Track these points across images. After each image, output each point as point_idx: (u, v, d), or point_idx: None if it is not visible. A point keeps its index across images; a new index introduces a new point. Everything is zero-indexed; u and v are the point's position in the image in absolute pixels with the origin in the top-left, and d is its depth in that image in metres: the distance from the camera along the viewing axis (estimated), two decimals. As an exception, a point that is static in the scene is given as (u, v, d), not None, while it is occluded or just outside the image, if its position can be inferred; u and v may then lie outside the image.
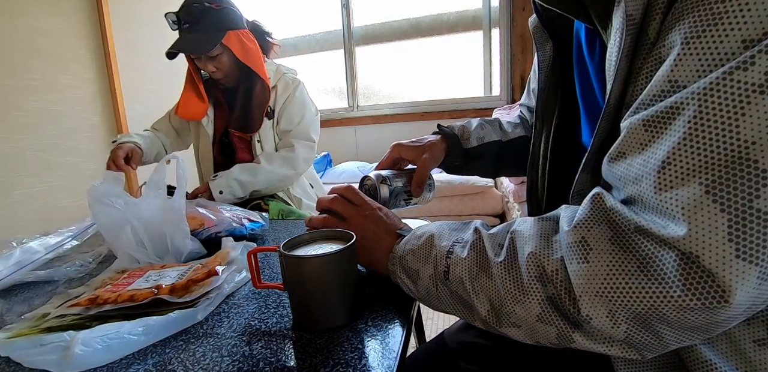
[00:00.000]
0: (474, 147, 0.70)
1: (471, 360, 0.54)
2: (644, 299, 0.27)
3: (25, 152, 1.74)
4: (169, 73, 2.50)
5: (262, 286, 0.50)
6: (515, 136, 0.73)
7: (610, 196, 0.32)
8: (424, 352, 0.61)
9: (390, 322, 0.46)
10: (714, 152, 0.25)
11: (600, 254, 0.30)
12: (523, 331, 0.35)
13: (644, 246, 0.28)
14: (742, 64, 0.24)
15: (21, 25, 1.74)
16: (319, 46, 3.15)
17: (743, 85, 0.24)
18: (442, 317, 1.61)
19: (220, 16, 1.11)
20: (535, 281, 0.33)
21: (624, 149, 0.31)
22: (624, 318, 0.29)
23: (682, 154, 0.26)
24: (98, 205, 0.65)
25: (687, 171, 0.26)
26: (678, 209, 0.26)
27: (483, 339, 0.57)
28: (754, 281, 0.25)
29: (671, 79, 0.27)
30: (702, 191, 0.25)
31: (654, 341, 0.30)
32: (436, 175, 2.67)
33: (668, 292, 0.27)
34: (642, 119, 0.29)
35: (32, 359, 0.41)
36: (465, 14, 2.80)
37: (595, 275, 0.29)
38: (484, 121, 0.73)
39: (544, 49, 0.53)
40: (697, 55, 0.26)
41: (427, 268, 0.41)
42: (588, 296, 0.30)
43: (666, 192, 0.27)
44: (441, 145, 0.67)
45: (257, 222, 0.83)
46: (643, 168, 0.29)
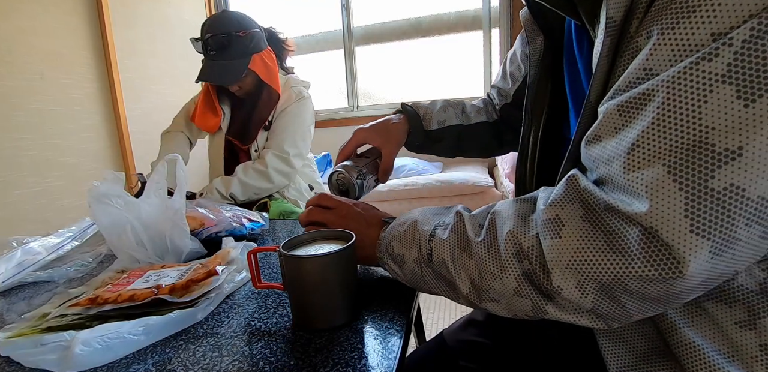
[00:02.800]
0: (435, 129, 0.71)
1: (470, 358, 0.55)
2: (609, 271, 0.30)
3: (25, 152, 1.74)
4: (169, 73, 2.50)
5: (262, 286, 0.50)
6: (476, 121, 0.74)
7: (584, 177, 0.34)
8: (424, 352, 0.61)
9: (390, 322, 0.46)
10: (678, 136, 0.27)
11: (572, 230, 0.32)
12: (501, 305, 0.38)
13: (612, 222, 0.30)
14: (707, 54, 0.26)
15: (21, 25, 1.74)
16: (319, 46, 3.14)
17: (708, 74, 0.26)
18: (442, 317, 1.61)
19: (245, 43, 1.15)
20: (512, 258, 0.35)
21: (599, 133, 0.32)
22: (591, 289, 0.31)
23: (649, 137, 0.28)
24: (98, 205, 0.65)
25: (653, 153, 0.28)
26: (642, 188, 0.28)
27: (482, 338, 0.57)
28: (706, 255, 0.26)
29: (646, 67, 0.29)
30: (664, 172, 0.27)
31: (618, 311, 0.32)
32: (435, 175, 2.65)
33: (631, 263, 0.29)
34: (617, 104, 0.31)
35: (32, 359, 0.41)
36: (465, 14, 2.80)
37: (566, 249, 0.32)
38: (449, 103, 0.74)
39: (534, 42, 0.53)
40: (670, 45, 0.28)
41: (412, 252, 0.43)
42: (559, 269, 0.32)
43: (633, 172, 0.29)
44: (403, 127, 0.69)
45: (257, 222, 0.83)
46: (615, 150, 0.30)
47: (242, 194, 1.18)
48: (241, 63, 1.15)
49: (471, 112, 0.75)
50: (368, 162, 0.62)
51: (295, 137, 1.25)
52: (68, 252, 0.79)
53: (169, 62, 2.52)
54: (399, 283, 0.55)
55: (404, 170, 2.49)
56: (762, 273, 0.32)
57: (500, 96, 0.75)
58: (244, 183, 1.17)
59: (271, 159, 1.20)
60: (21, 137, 1.73)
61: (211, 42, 1.12)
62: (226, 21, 1.15)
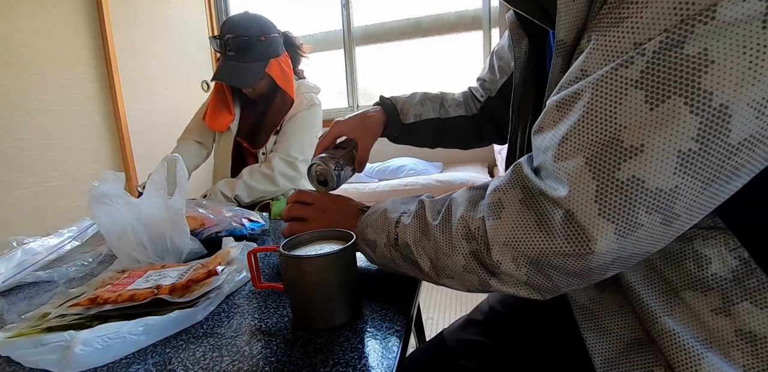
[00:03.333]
0: (411, 123, 0.73)
1: (470, 358, 0.55)
2: (537, 247, 0.34)
3: (25, 152, 1.74)
4: (169, 73, 2.50)
5: (262, 286, 0.50)
6: (455, 114, 0.76)
7: (527, 165, 0.38)
8: (424, 352, 0.61)
9: (390, 322, 0.46)
10: (598, 132, 0.30)
11: (510, 212, 0.36)
12: (456, 281, 0.42)
13: (543, 205, 0.34)
14: (625, 62, 0.29)
15: (21, 25, 1.74)
16: (319, 46, 3.15)
17: (624, 79, 0.29)
18: (442, 317, 1.61)
19: (265, 47, 1.16)
20: (461, 239, 0.40)
21: (542, 124, 0.36)
22: (524, 263, 0.36)
23: (576, 132, 0.32)
24: (98, 205, 0.65)
25: (577, 146, 0.32)
26: (565, 176, 0.32)
27: (482, 337, 0.57)
28: (612, 236, 0.30)
29: (582, 67, 0.32)
30: (583, 163, 0.31)
31: (548, 283, 0.36)
32: (435, 175, 2.65)
33: (553, 241, 0.33)
34: (556, 100, 0.34)
35: (32, 359, 0.41)
36: (465, 14, 2.80)
37: (504, 228, 0.36)
38: (428, 96, 0.76)
39: (519, 45, 0.53)
40: (601, 50, 0.31)
41: (382, 238, 0.48)
42: (498, 245, 0.36)
43: (560, 162, 0.33)
44: (379, 119, 0.71)
45: (257, 222, 0.83)
46: (550, 141, 0.34)
47: (247, 197, 1.19)
48: (259, 66, 1.16)
49: (450, 106, 0.76)
50: (345, 153, 0.64)
51: (303, 143, 1.26)
52: (68, 252, 0.79)
53: (169, 62, 2.51)
54: (399, 283, 0.55)
55: (404, 170, 2.49)
56: (734, 261, 0.33)
57: (485, 89, 0.76)
58: (249, 186, 1.18)
59: (278, 163, 1.21)
60: (21, 137, 1.73)
61: (231, 43, 1.12)
62: (248, 23, 1.15)
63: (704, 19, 0.26)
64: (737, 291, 0.33)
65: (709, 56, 0.26)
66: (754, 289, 0.33)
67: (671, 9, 0.27)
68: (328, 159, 0.61)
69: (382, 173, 2.53)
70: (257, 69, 1.15)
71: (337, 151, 0.64)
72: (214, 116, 1.29)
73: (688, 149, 0.27)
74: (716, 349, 0.33)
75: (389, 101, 0.73)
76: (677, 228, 0.31)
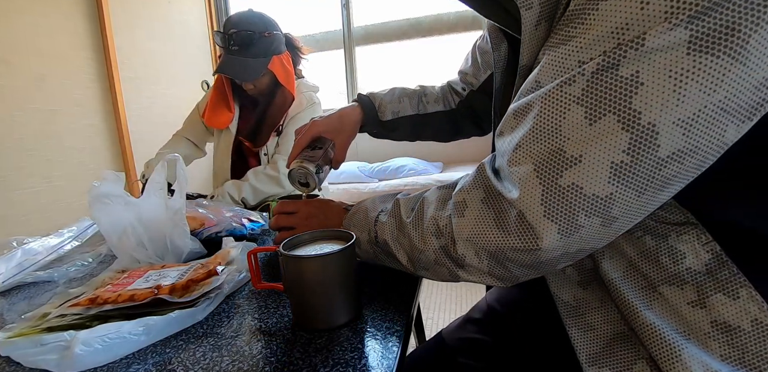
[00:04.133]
0: (389, 120, 0.75)
1: (469, 355, 0.55)
2: (495, 242, 0.37)
3: (25, 152, 1.74)
4: (169, 73, 2.50)
5: (262, 286, 0.50)
6: (432, 110, 0.77)
7: (489, 166, 0.41)
8: (423, 351, 0.61)
9: (390, 322, 0.46)
10: (545, 142, 0.33)
11: (472, 211, 0.40)
12: (429, 272, 0.46)
13: (501, 205, 0.37)
14: (569, 79, 0.32)
15: (21, 25, 1.74)
16: (319, 46, 3.14)
17: (568, 95, 0.32)
18: (442, 317, 1.61)
19: (268, 43, 1.17)
20: (431, 236, 0.43)
21: (503, 129, 0.39)
22: (485, 256, 0.39)
23: (527, 140, 0.35)
24: (98, 205, 0.65)
25: (527, 154, 0.35)
26: (517, 180, 0.35)
27: (480, 335, 0.57)
28: (555, 235, 0.34)
29: (537, 79, 0.35)
30: (532, 169, 0.34)
31: (507, 274, 0.40)
32: (435, 175, 2.65)
33: (508, 237, 0.36)
34: (514, 108, 0.37)
35: (32, 359, 0.41)
36: (465, 14, 2.80)
37: (467, 225, 0.40)
38: (405, 92, 0.77)
39: (499, 49, 0.54)
40: (552, 64, 0.33)
41: (364, 235, 0.51)
42: (462, 240, 0.40)
43: (513, 167, 0.36)
44: (356, 118, 0.73)
45: (257, 222, 0.83)
46: (507, 146, 0.37)
47: (253, 199, 1.19)
48: (262, 62, 1.16)
49: (428, 102, 0.77)
50: (322, 153, 0.65)
51: None
52: (68, 252, 0.79)
53: (169, 62, 2.51)
54: (399, 283, 0.56)
55: (404, 170, 2.49)
56: (707, 255, 0.35)
57: (466, 83, 0.76)
58: (256, 188, 1.18)
59: (283, 165, 1.21)
60: (21, 137, 1.73)
61: (236, 37, 1.12)
62: (252, 19, 1.15)
63: (635, 45, 0.28)
64: (710, 283, 0.35)
65: (639, 78, 0.29)
66: (726, 280, 0.34)
67: (609, 33, 0.29)
68: (308, 162, 0.62)
69: (382, 173, 2.53)
70: (260, 64, 1.15)
71: (315, 152, 0.65)
72: (213, 114, 1.28)
73: (620, 161, 0.30)
74: (695, 340, 0.35)
75: (367, 98, 0.74)
76: (617, 228, 0.34)
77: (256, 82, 1.20)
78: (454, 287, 1.85)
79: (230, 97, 1.28)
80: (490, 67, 0.70)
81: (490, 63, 0.69)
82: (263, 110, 1.26)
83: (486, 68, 0.71)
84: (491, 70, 0.70)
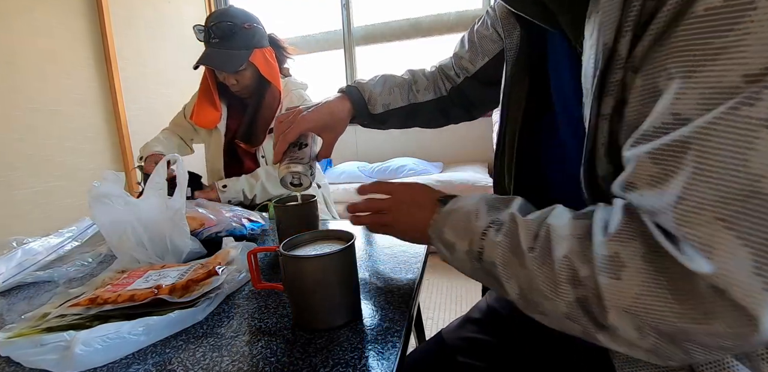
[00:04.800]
0: (380, 113, 0.71)
1: (469, 355, 0.55)
2: (674, 322, 0.28)
3: (25, 152, 1.74)
4: (169, 73, 2.50)
5: (262, 286, 0.50)
6: (423, 100, 0.73)
7: (645, 212, 0.31)
8: (423, 351, 0.61)
9: (390, 322, 0.46)
10: (726, 186, 0.25)
11: (632, 272, 0.29)
12: (549, 319, 0.36)
13: (676, 272, 0.28)
14: (747, 99, 0.25)
15: (21, 25, 1.74)
16: (319, 46, 3.14)
17: (750, 119, 0.25)
18: (442, 317, 1.61)
19: (249, 35, 1.16)
20: (566, 284, 0.33)
21: (634, 180, 0.31)
22: (652, 333, 0.29)
23: (695, 189, 0.27)
24: (98, 205, 0.65)
25: (702, 206, 0.26)
26: (700, 245, 0.26)
27: (481, 334, 0.57)
28: None
29: (674, 111, 0.28)
30: (720, 226, 0.25)
31: (681, 355, 0.30)
32: (435, 175, 2.64)
33: (698, 318, 0.27)
34: (648, 152, 0.30)
35: (32, 359, 0.41)
36: (465, 14, 2.80)
37: (626, 293, 0.29)
38: (395, 82, 0.73)
39: (511, 36, 0.50)
40: (698, 89, 0.27)
41: (463, 244, 0.41)
42: (616, 310, 0.30)
43: (686, 227, 0.27)
44: (346, 113, 0.68)
45: (257, 222, 0.83)
46: (658, 201, 0.29)
47: (260, 198, 1.21)
48: (243, 54, 1.15)
49: (418, 90, 0.73)
50: (308, 151, 0.63)
51: None
52: (68, 252, 0.79)
53: (169, 62, 2.51)
54: (399, 283, 0.55)
55: (404, 170, 2.49)
56: None
57: (461, 68, 0.71)
58: (266, 188, 1.20)
59: None
60: (21, 137, 1.73)
61: (215, 29, 1.13)
62: (232, 12, 1.16)
63: None
64: None
65: None
66: None
67: None
68: (297, 164, 0.61)
69: (382, 173, 2.53)
70: (241, 56, 1.15)
71: (302, 151, 0.63)
72: (200, 113, 1.28)
73: None
74: (747, 362, 0.32)
75: (355, 90, 0.70)
76: None
77: (238, 76, 1.19)
78: (454, 287, 1.85)
79: (216, 96, 1.28)
80: (488, 53, 0.66)
81: (489, 49, 0.66)
82: (254, 111, 1.25)
83: (484, 55, 0.67)
84: (488, 57, 0.66)
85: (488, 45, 0.66)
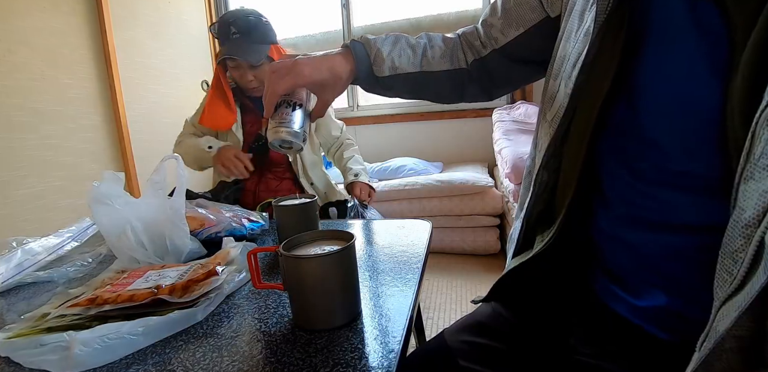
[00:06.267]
0: (386, 76, 0.60)
1: (470, 359, 0.54)
2: None
3: (25, 152, 1.74)
4: (169, 73, 2.50)
5: (262, 286, 0.50)
6: (438, 69, 0.62)
7: None
8: (424, 352, 0.61)
9: (390, 322, 0.46)
10: None
11: None
12: None
13: None
14: None
15: (21, 25, 1.74)
16: (319, 46, 3.14)
17: None
18: (442, 317, 1.61)
19: (267, 30, 1.23)
20: None
21: None
22: None
23: None
24: (98, 205, 0.65)
25: None
26: None
27: (483, 338, 0.57)
28: None
29: None
30: None
31: None
32: (435, 175, 2.62)
33: None
34: None
35: (32, 359, 0.41)
36: (465, 14, 2.80)
37: None
38: (408, 42, 0.62)
39: None
40: None
41: None
42: None
43: None
44: (347, 72, 0.59)
45: (257, 222, 0.83)
46: None
47: None
48: (264, 48, 1.20)
49: (434, 57, 0.62)
50: (300, 113, 0.59)
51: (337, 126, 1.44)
52: (68, 252, 0.79)
53: (169, 62, 2.51)
54: (399, 284, 0.55)
55: (404, 170, 2.49)
56: None
57: (490, 37, 0.61)
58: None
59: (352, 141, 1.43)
60: (21, 137, 1.73)
61: (237, 23, 1.17)
62: (248, 10, 1.23)
63: None
64: None
65: None
66: None
67: None
68: (289, 128, 0.57)
69: (382, 173, 2.53)
70: (262, 49, 1.20)
71: (294, 113, 0.58)
72: (213, 115, 1.28)
73: None
74: None
75: (361, 46, 0.60)
76: None
77: (256, 72, 1.23)
78: (454, 287, 1.85)
79: (230, 98, 1.28)
80: (524, 23, 0.57)
81: (527, 18, 0.56)
82: None
83: (519, 25, 0.57)
84: (524, 28, 0.57)
85: (526, 13, 0.56)
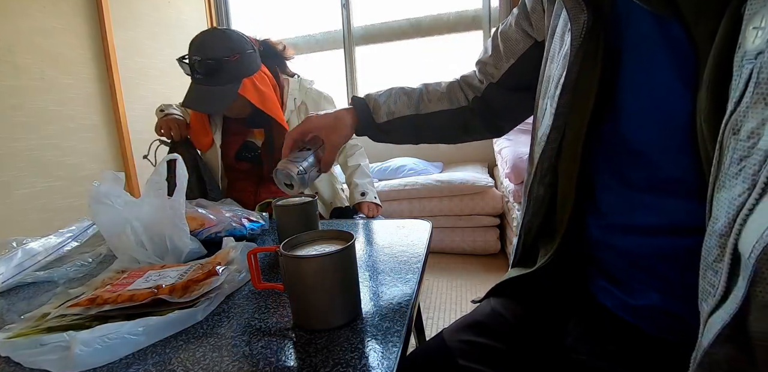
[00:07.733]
0: (384, 122, 0.69)
1: (470, 358, 0.54)
2: None
3: (25, 152, 1.74)
4: (169, 73, 2.50)
5: (262, 286, 0.50)
6: (435, 109, 0.69)
7: None
8: (424, 352, 0.61)
9: (390, 322, 0.46)
10: None
11: None
12: None
13: None
14: None
15: (21, 25, 1.74)
16: (319, 46, 3.14)
17: None
18: (442, 317, 1.61)
19: (235, 68, 1.08)
20: None
21: None
22: None
23: None
24: (98, 205, 0.65)
25: None
26: None
27: (482, 338, 0.57)
28: None
29: None
30: None
31: None
32: (435, 175, 2.63)
33: None
34: None
35: (32, 359, 0.41)
36: (465, 14, 2.80)
37: None
38: (404, 91, 0.71)
39: (578, 21, 0.43)
40: None
41: None
42: None
43: None
44: (350, 121, 0.68)
45: (257, 222, 0.83)
46: None
47: None
48: (231, 88, 1.08)
49: (430, 100, 0.70)
50: (309, 155, 0.64)
51: None
52: (68, 252, 0.79)
53: (169, 62, 2.50)
54: (399, 284, 0.55)
55: (404, 170, 2.49)
56: None
57: (486, 74, 0.67)
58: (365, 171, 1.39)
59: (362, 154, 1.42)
60: (21, 137, 1.73)
61: (198, 66, 1.05)
62: (214, 44, 1.06)
63: None
64: None
65: None
66: None
67: None
68: (293, 164, 0.61)
69: (382, 173, 2.53)
70: (228, 92, 1.07)
71: (301, 153, 0.64)
72: (194, 135, 1.26)
73: None
74: None
75: (361, 100, 0.70)
76: None
77: (231, 110, 1.14)
78: (454, 287, 1.85)
79: (206, 122, 1.23)
80: (513, 54, 0.63)
81: (515, 49, 0.62)
82: (267, 141, 1.21)
83: (509, 56, 0.63)
84: (514, 59, 0.63)
85: (513, 45, 0.62)
